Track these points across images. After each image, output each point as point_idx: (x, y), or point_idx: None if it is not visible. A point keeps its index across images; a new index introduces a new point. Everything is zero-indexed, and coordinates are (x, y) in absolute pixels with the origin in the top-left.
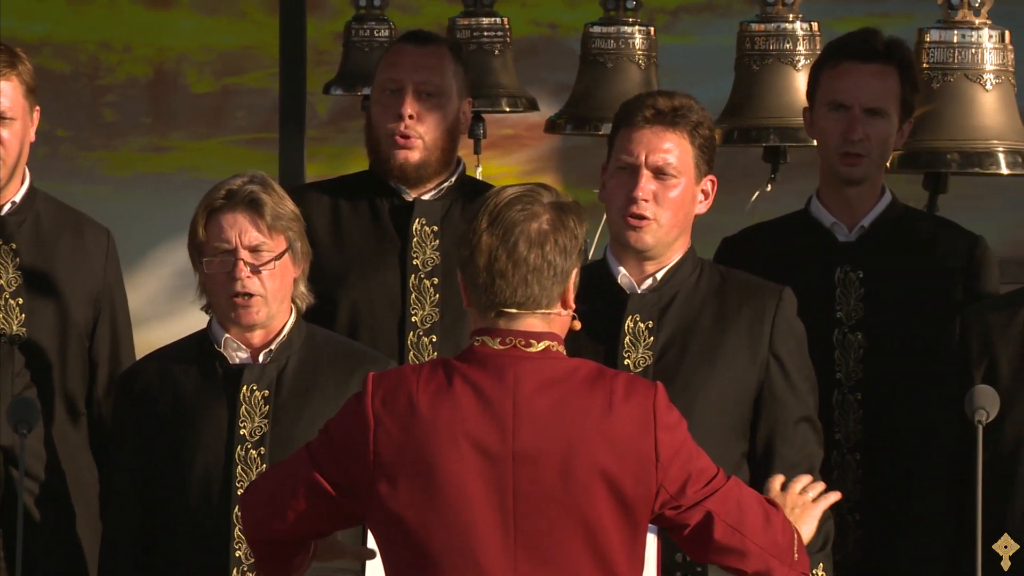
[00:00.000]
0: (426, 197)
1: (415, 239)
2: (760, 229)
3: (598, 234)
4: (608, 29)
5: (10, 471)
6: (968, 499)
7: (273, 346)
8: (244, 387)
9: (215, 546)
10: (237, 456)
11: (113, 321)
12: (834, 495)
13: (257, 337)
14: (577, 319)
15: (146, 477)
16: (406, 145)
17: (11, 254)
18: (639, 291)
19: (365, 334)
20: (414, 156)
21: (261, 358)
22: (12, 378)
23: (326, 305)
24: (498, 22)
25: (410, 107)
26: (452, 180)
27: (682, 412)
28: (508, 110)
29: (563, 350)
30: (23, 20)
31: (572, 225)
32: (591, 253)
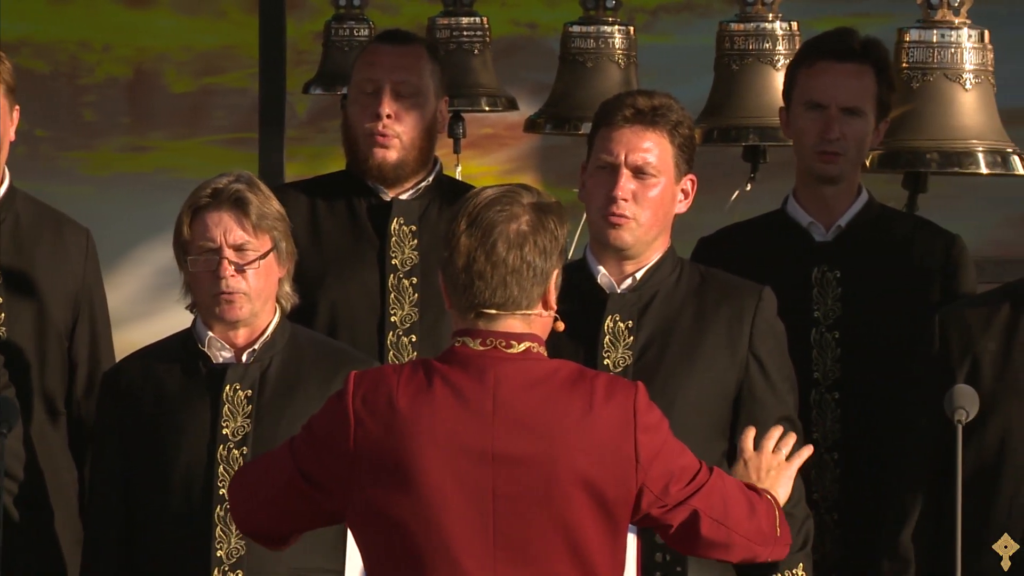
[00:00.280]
0: (404, 197)
1: (393, 239)
2: (737, 229)
3: (578, 234)
4: (588, 29)
5: None
6: (948, 498)
7: (256, 346)
8: (227, 386)
9: (197, 545)
10: (219, 456)
11: (92, 321)
12: (807, 449)
13: (241, 337)
14: (560, 320)
15: (129, 476)
16: (384, 144)
17: None
18: (619, 291)
19: (344, 334)
20: (392, 156)
21: (244, 358)
22: None
23: (305, 305)
24: (477, 22)
25: (388, 107)
26: (430, 179)
27: (662, 412)
28: (488, 109)
29: (544, 351)
30: (2, 20)
31: (552, 226)
32: (571, 253)
